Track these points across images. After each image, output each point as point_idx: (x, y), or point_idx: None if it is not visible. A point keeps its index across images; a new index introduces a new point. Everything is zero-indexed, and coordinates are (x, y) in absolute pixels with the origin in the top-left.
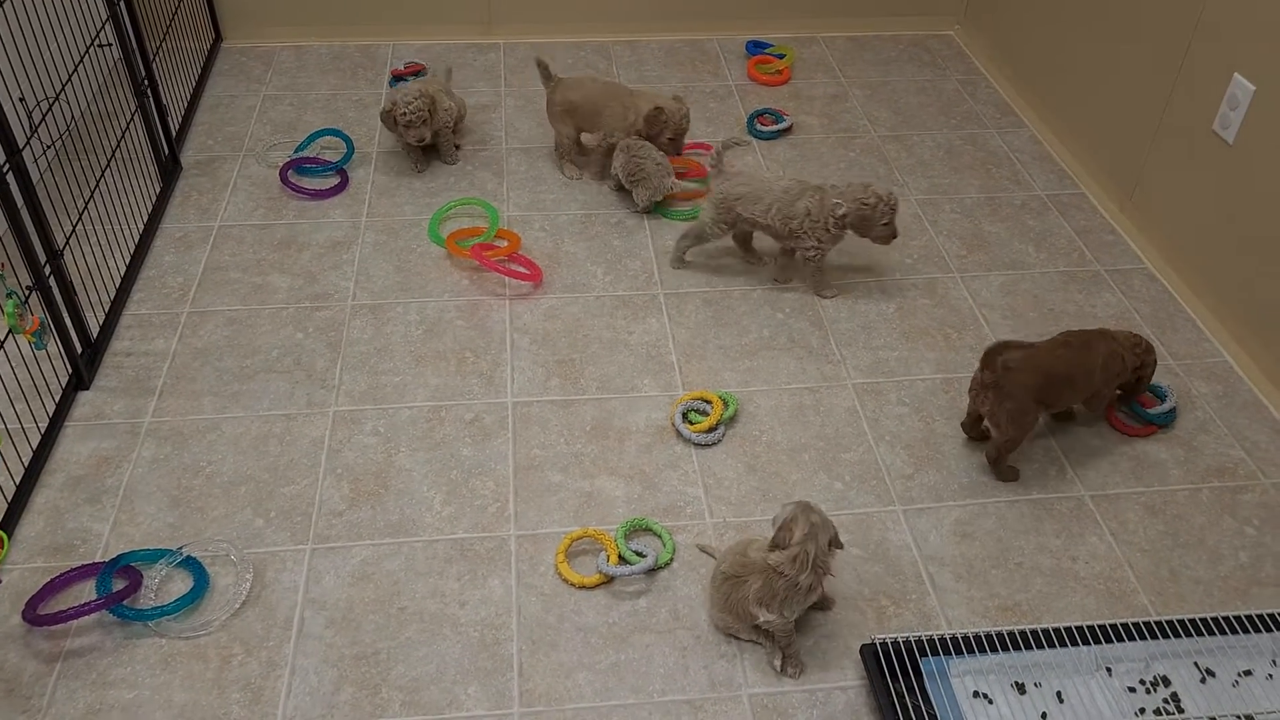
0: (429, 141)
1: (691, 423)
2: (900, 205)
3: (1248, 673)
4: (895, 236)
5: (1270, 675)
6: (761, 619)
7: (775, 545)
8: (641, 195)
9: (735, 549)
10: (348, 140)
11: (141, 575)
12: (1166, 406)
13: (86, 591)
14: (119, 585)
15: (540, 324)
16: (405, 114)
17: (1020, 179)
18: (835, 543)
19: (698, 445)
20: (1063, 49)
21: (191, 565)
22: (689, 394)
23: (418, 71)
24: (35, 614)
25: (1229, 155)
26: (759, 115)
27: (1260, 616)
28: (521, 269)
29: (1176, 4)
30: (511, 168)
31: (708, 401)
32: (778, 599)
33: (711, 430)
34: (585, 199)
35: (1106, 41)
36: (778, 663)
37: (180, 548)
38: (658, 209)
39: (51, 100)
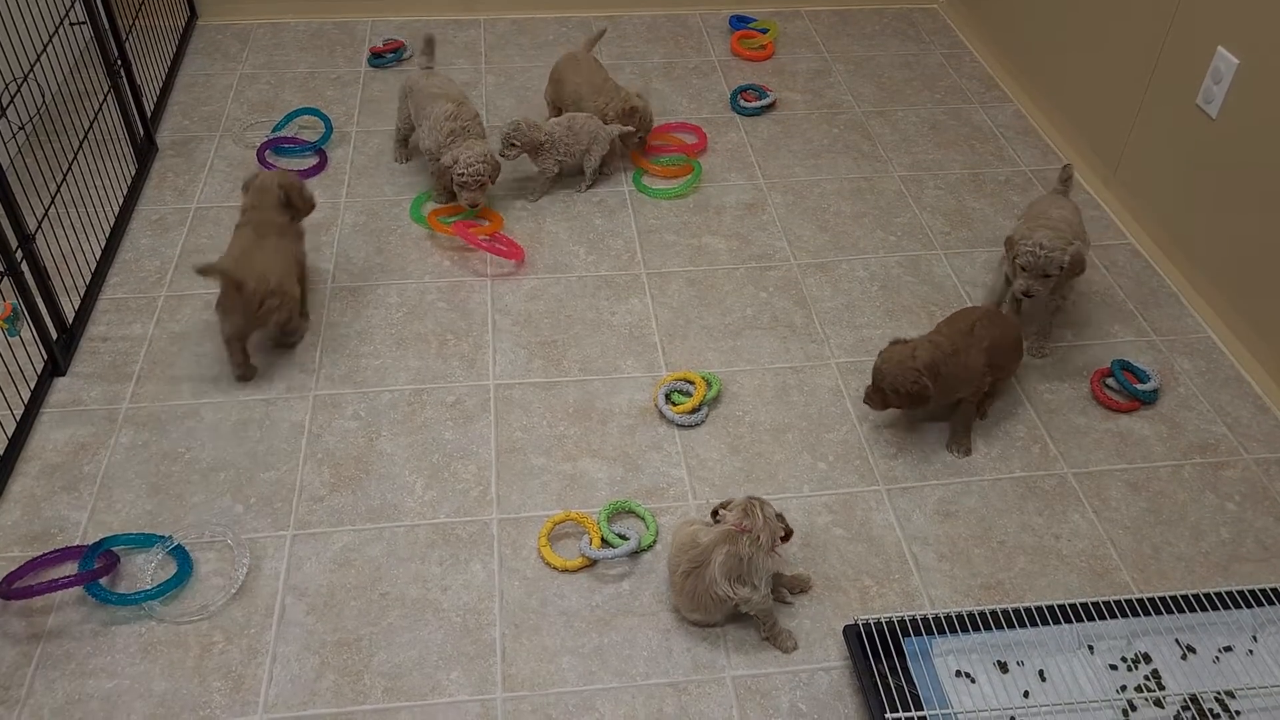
0: (479, 206)
1: (674, 404)
2: (887, 183)
3: (1228, 648)
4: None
5: (1250, 651)
6: (737, 597)
7: (714, 514)
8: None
9: (683, 544)
10: (326, 120)
11: (118, 558)
12: (1150, 386)
13: (68, 573)
14: (99, 567)
15: (522, 305)
16: (464, 175)
17: (1004, 154)
18: (785, 530)
19: (681, 426)
20: (1047, 23)
21: (177, 552)
22: (672, 375)
23: (397, 49)
24: (9, 588)
25: (1212, 129)
26: (742, 91)
27: (1240, 592)
28: (503, 247)
29: None
30: (493, 146)
31: (691, 382)
32: (744, 562)
33: (695, 411)
34: (567, 179)
35: (1090, 15)
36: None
37: (171, 535)
38: (640, 187)
39: (20, 81)
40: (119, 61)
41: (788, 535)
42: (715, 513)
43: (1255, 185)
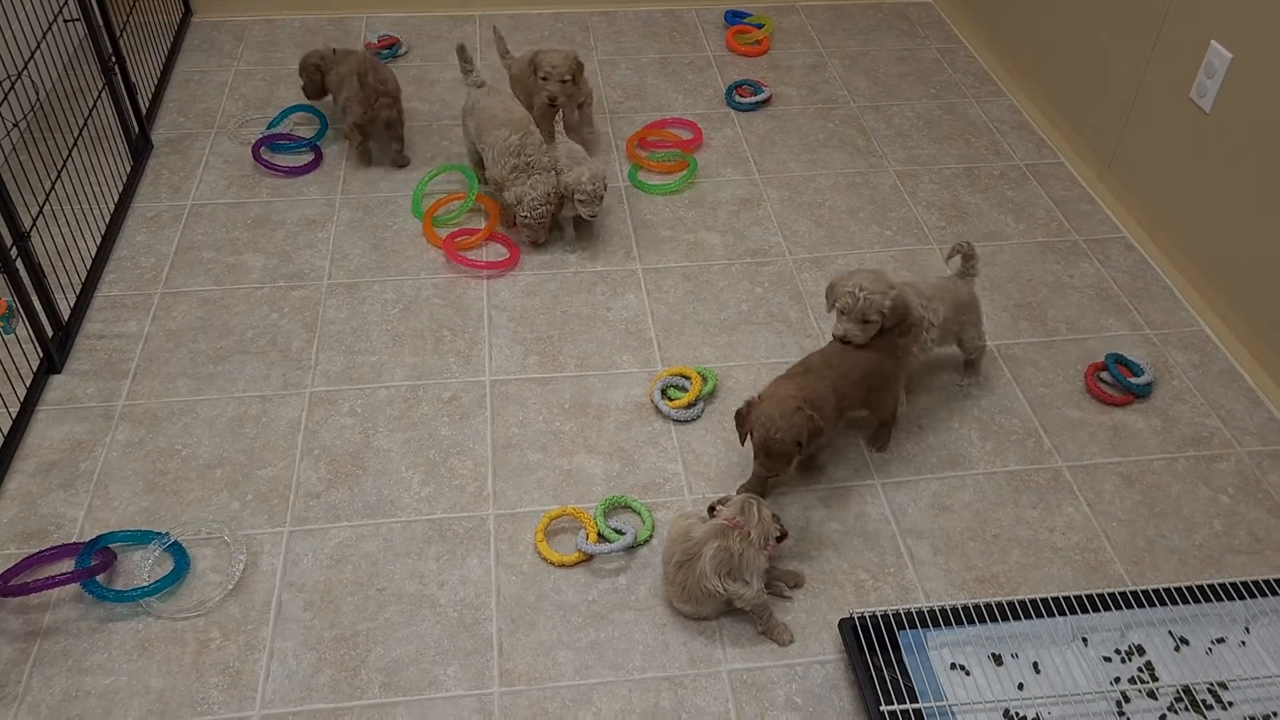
0: (541, 242)
1: (670, 399)
2: (882, 178)
3: (1220, 640)
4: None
5: (1243, 642)
6: (727, 591)
7: (711, 510)
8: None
9: (677, 537)
10: (321, 116)
11: (115, 555)
12: (1145, 380)
13: (65, 570)
14: (96, 564)
15: (518, 301)
16: (527, 218)
17: (999, 149)
18: (780, 531)
19: (677, 421)
20: (1042, 17)
21: (174, 549)
22: (668, 370)
23: (393, 45)
24: (6, 585)
25: (1206, 123)
26: (737, 86)
27: (1233, 584)
28: (500, 248)
29: None
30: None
31: (686, 377)
32: (734, 557)
33: (691, 406)
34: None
35: (1085, 9)
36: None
37: (168, 531)
38: (636, 182)
39: (14, 78)
40: (113, 58)
41: (783, 536)
42: (712, 509)
43: (1248, 179)
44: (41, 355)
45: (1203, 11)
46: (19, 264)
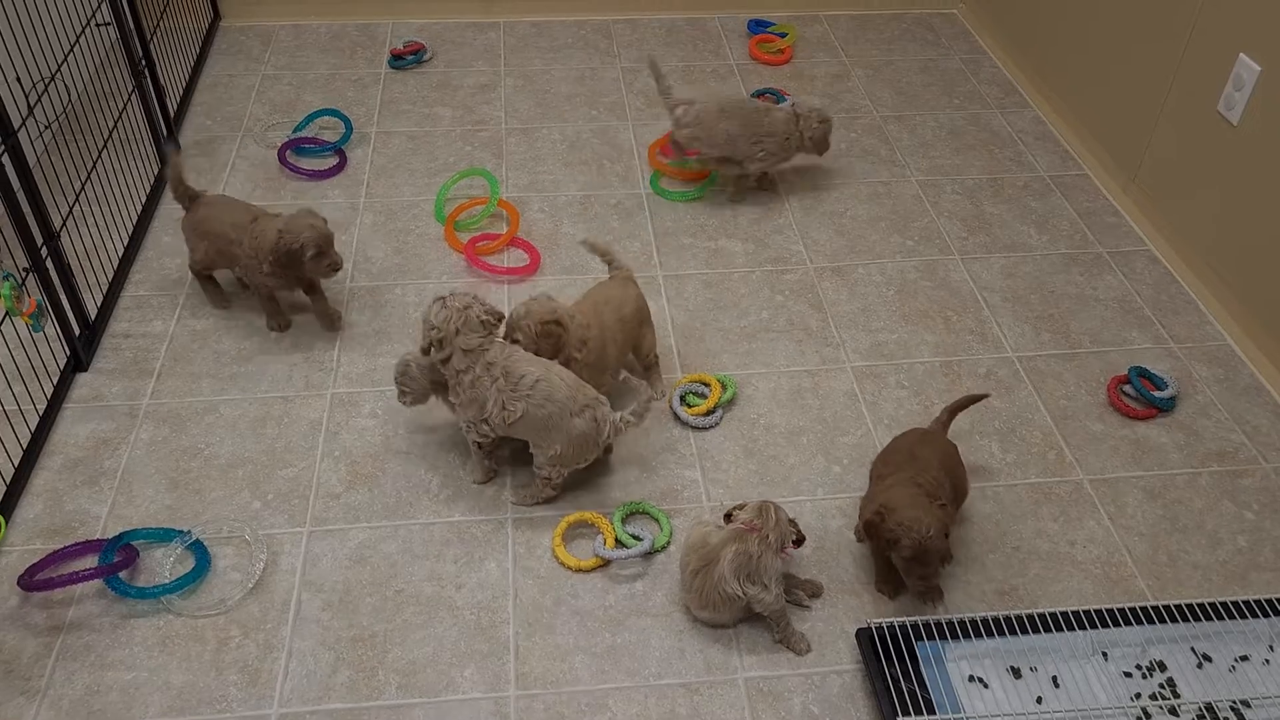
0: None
1: (689, 405)
2: (904, 188)
3: (1244, 658)
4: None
5: (1267, 660)
6: (746, 595)
7: (727, 516)
8: None
9: (694, 545)
10: (346, 120)
11: (137, 552)
12: (1168, 393)
13: (88, 566)
14: (118, 561)
15: None
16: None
17: (1023, 160)
18: (797, 535)
19: (695, 428)
20: (1067, 28)
21: (195, 547)
22: (687, 376)
23: (418, 51)
24: (30, 580)
25: (1234, 136)
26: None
27: (1258, 602)
28: (521, 253)
29: None
30: (510, 148)
31: (706, 384)
32: (753, 559)
33: (709, 413)
34: (585, 179)
35: (1111, 21)
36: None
37: (190, 529)
38: (657, 189)
39: (48, 80)
40: (143, 62)
41: (800, 540)
42: (729, 515)
43: (1276, 193)
44: (69, 353)
45: (1230, 24)
46: (49, 263)
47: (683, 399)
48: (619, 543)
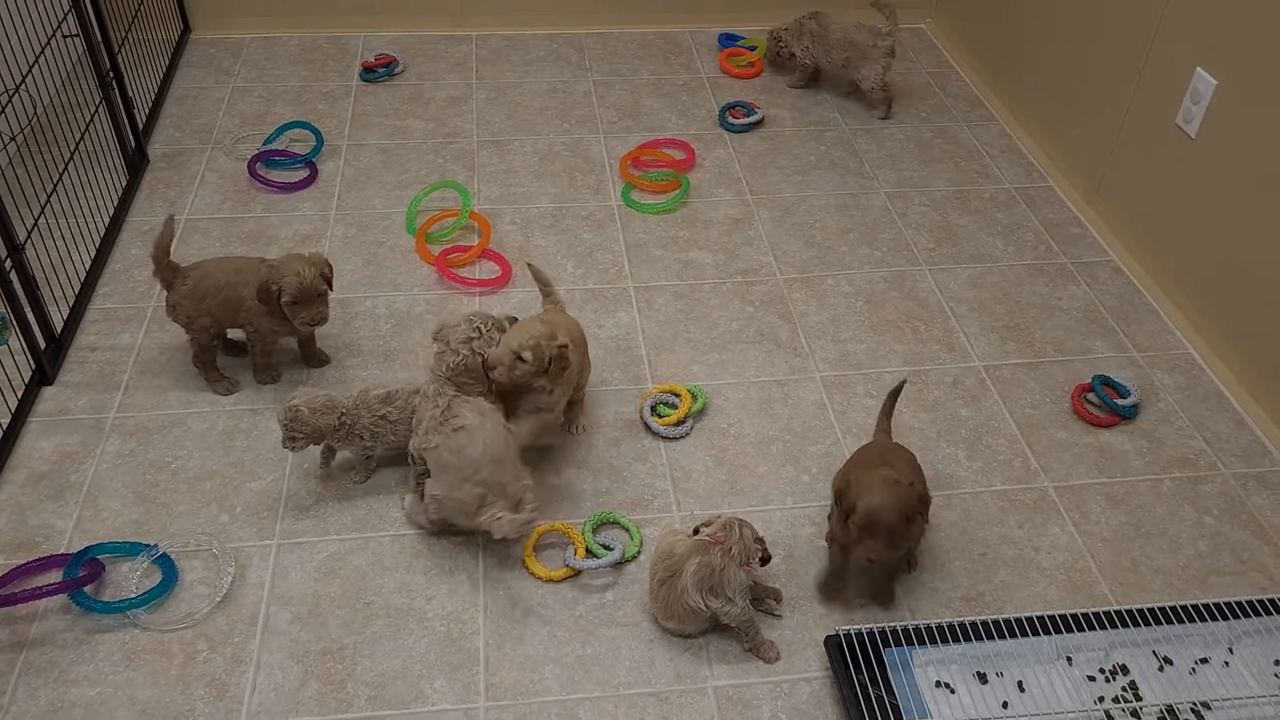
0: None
1: (660, 416)
2: (873, 199)
3: (1204, 660)
4: None
5: (1226, 663)
6: (709, 608)
7: (696, 532)
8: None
9: (662, 553)
10: (317, 133)
11: (103, 566)
12: (1131, 401)
13: (53, 581)
14: (84, 575)
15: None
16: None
17: (989, 172)
18: (763, 554)
19: (666, 438)
20: (1031, 43)
21: (162, 560)
22: (657, 387)
23: (389, 64)
24: None
25: (1192, 149)
26: (730, 108)
27: (1217, 605)
28: (493, 266)
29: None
30: (482, 161)
31: (676, 395)
32: (715, 573)
33: (680, 423)
34: (556, 192)
35: (1073, 36)
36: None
37: (157, 543)
38: (628, 201)
39: (12, 91)
40: (111, 74)
41: (765, 559)
42: (697, 530)
43: (1234, 204)
44: (34, 367)
45: (1188, 39)
46: (13, 276)
47: (653, 409)
48: (589, 553)
